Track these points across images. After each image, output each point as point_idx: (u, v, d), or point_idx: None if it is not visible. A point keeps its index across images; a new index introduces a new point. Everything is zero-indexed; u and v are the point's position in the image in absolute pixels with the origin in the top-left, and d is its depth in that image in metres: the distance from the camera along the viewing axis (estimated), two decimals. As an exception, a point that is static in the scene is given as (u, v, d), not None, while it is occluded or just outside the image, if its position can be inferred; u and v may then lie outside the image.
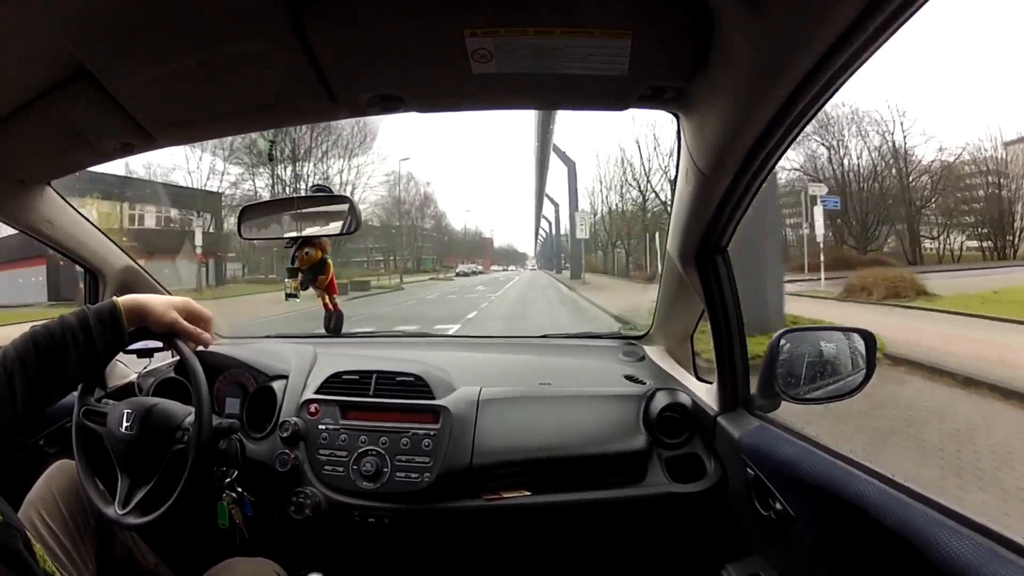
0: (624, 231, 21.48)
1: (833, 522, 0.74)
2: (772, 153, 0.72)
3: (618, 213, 21.81)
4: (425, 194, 31.21)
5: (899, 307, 8.91)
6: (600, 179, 30.72)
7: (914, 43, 14.45)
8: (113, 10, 0.59)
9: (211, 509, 1.04)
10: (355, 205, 1.18)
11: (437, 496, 1.08)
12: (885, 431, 3.71)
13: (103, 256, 1.31)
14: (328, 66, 0.69)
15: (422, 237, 32.68)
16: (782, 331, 0.99)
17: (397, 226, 28.51)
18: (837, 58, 0.52)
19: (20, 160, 0.95)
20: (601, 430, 1.15)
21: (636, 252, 21.05)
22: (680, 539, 1.17)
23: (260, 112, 0.84)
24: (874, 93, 15.55)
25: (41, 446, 1.20)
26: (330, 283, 1.29)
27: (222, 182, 18.79)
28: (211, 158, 17.99)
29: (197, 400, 0.88)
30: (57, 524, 0.89)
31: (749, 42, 0.56)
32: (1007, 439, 3.55)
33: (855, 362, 0.97)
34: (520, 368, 1.42)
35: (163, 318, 0.87)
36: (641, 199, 19.79)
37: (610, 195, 22.24)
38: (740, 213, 0.90)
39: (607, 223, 22.82)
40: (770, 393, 1.00)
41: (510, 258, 58.29)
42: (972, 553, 0.54)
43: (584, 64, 0.67)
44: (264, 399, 1.22)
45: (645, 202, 19.60)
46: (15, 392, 0.72)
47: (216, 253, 17.78)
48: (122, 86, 0.72)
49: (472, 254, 44.35)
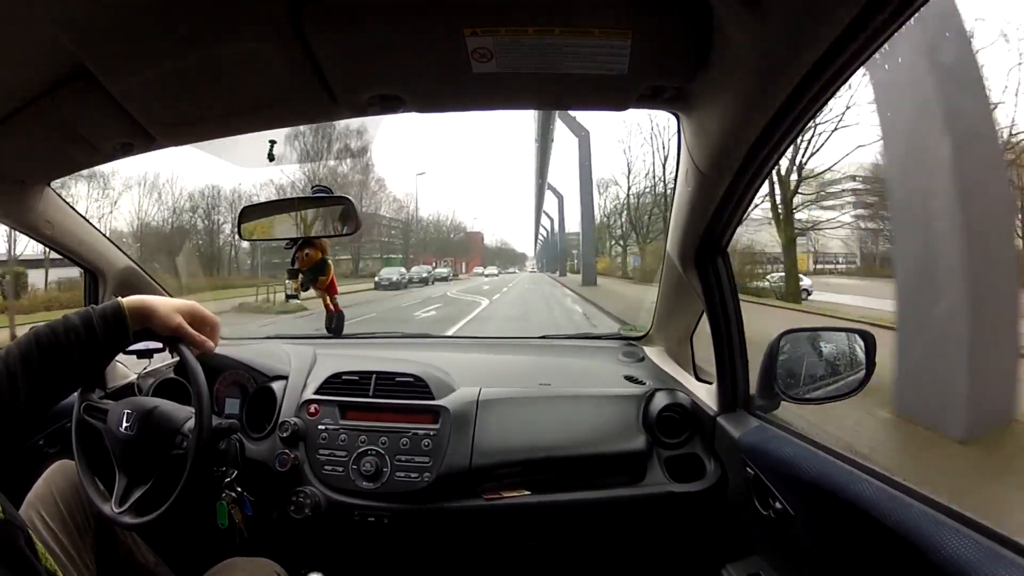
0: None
1: (833, 522, 0.74)
2: (772, 153, 0.72)
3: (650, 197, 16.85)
4: (367, 165, 21.76)
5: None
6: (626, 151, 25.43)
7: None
8: (113, 10, 0.59)
9: (211, 509, 1.04)
10: (355, 205, 1.18)
11: (437, 496, 1.08)
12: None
13: (103, 256, 1.31)
14: (328, 66, 0.69)
15: (380, 228, 25.92)
16: (782, 331, 0.99)
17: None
18: (837, 58, 0.52)
19: (20, 160, 0.95)
20: (601, 430, 1.15)
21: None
22: (680, 539, 1.17)
23: (260, 112, 0.84)
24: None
25: (41, 446, 1.20)
26: (331, 283, 1.29)
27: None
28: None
29: (197, 404, 0.88)
30: (57, 523, 0.89)
31: (749, 42, 0.56)
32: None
33: (854, 361, 0.97)
34: (520, 368, 1.42)
35: (168, 321, 0.86)
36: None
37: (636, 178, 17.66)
38: (740, 213, 0.90)
39: (633, 209, 17.99)
40: (769, 393, 1.00)
41: (507, 258, 50.43)
42: (972, 553, 0.54)
43: (584, 64, 0.67)
44: (264, 399, 1.22)
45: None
46: (18, 391, 0.72)
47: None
48: (122, 86, 0.72)
49: (454, 252, 34.47)
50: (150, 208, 17.30)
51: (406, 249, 28.36)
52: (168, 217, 17.92)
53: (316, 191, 1.24)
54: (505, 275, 38.32)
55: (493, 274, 35.69)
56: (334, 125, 17.23)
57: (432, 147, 73.15)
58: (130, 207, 17.01)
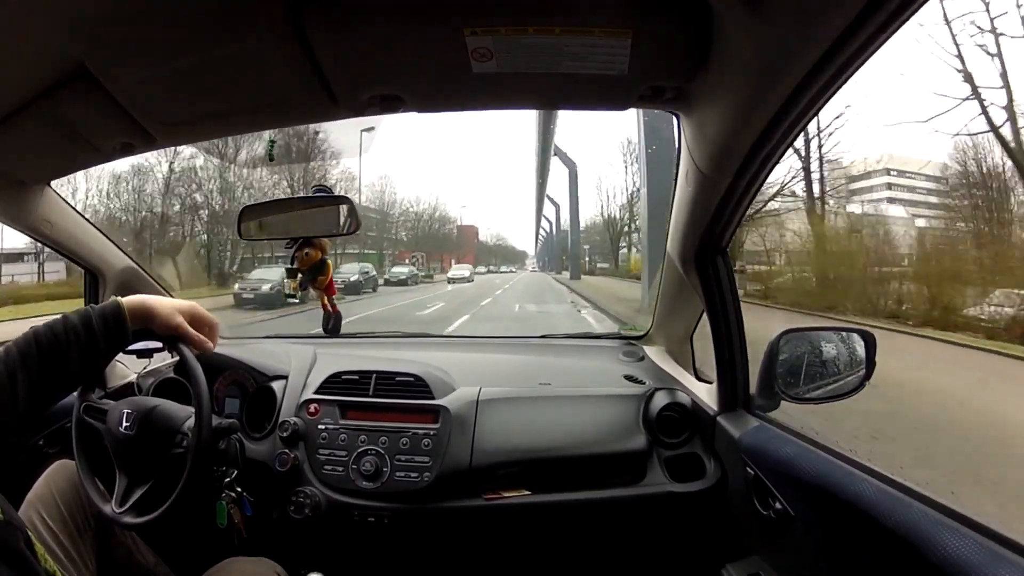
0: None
1: (833, 521, 0.74)
2: (772, 153, 0.72)
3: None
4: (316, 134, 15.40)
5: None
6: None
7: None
8: (113, 10, 0.59)
9: (210, 509, 1.04)
10: (355, 205, 1.18)
11: (437, 496, 1.08)
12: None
13: (103, 256, 1.31)
14: (328, 66, 0.69)
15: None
16: (782, 331, 0.99)
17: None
18: (837, 58, 0.52)
19: (20, 160, 0.95)
20: (601, 430, 1.15)
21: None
22: (680, 539, 1.17)
23: (260, 112, 0.84)
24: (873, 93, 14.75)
25: (41, 446, 1.20)
26: (329, 283, 1.29)
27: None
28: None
29: (197, 404, 0.88)
30: (57, 524, 0.89)
31: (749, 42, 0.56)
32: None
33: (854, 361, 0.97)
34: (520, 368, 1.42)
35: (168, 321, 0.86)
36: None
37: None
38: (740, 213, 0.90)
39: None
40: (769, 393, 1.00)
41: (506, 256, 44.11)
42: (972, 553, 0.54)
43: (584, 63, 0.67)
44: (264, 399, 1.22)
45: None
46: (17, 391, 0.72)
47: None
48: (122, 86, 0.72)
49: (441, 248, 28.57)
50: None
51: (380, 244, 23.57)
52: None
53: (316, 191, 1.23)
54: (497, 275, 30.51)
55: (463, 277, 22.98)
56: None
57: (427, 138, 71.88)
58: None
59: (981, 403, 4.13)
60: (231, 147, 15.00)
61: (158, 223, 14.64)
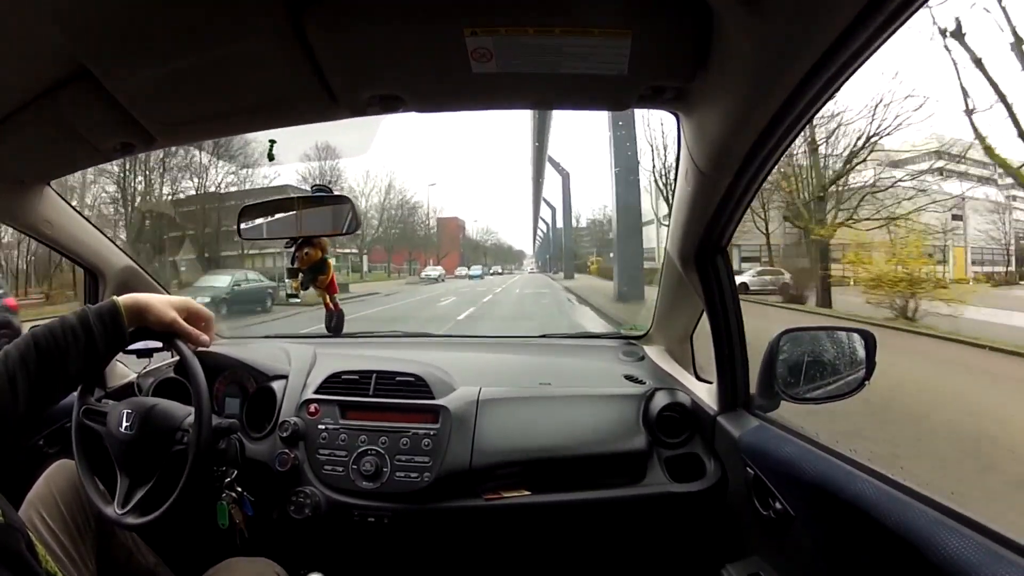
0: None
1: (833, 521, 0.74)
2: (772, 153, 0.72)
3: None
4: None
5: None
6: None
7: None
8: (113, 10, 0.59)
9: (211, 509, 1.04)
10: (355, 205, 1.18)
11: (437, 496, 1.08)
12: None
13: (103, 256, 1.31)
14: (328, 66, 0.69)
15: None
16: (782, 330, 0.99)
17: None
18: (837, 58, 0.52)
19: (20, 160, 0.95)
20: (601, 430, 1.15)
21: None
22: (680, 539, 1.17)
23: (260, 112, 0.83)
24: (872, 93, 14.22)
25: (41, 446, 1.20)
26: (330, 282, 1.29)
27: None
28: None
29: (197, 401, 0.88)
30: (57, 524, 0.89)
31: (749, 42, 0.56)
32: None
33: (854, 361, 0.97)
34: (520, 368, 1.42)
35: (163, 317, 0.87)
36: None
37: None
38: (740, 213, 0.90)
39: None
40: (770, 393, 1.00)
41: (503, 257, 40.42)
42: (972, 553, 0.54)
43: (584, 64, 0.67)
44: (264, 399, 1.22)
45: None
46: (17, 392, 0.72)
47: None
48: (122, 86, 0.72)
49: (414, 245, 25.04)
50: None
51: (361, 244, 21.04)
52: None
53: (316, 190, 1.23)
54: (483, 280, 25.80)
55: (432, 284, 19.46)
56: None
57: (422, 136, 71.22)
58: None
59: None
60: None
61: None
